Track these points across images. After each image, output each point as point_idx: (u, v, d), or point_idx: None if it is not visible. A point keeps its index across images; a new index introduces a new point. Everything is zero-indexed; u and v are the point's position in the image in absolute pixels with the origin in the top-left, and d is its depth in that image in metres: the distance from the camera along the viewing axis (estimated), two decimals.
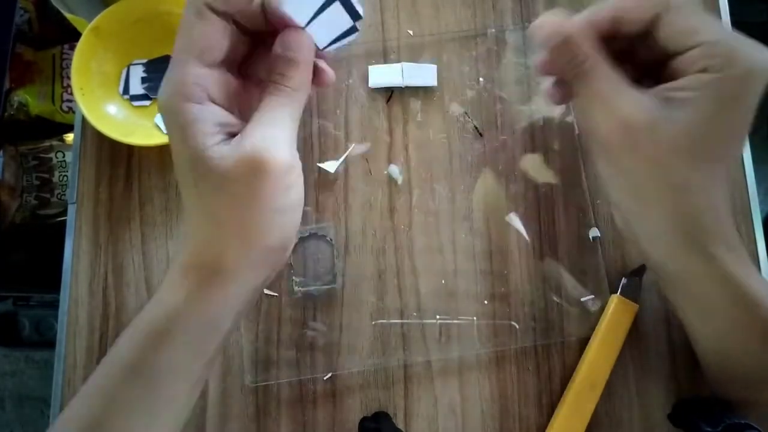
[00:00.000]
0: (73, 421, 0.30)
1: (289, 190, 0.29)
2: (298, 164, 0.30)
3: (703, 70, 0.30)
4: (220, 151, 0.28)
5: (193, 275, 0.30)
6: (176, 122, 0.28)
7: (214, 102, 0.29)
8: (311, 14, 0.29)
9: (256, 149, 0.27)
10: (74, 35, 0.47)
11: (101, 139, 0.46)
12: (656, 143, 0.31)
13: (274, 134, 0.28)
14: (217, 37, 0.28)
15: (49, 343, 0.97)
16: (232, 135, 0.29)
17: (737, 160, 0.47)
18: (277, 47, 0.29)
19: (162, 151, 0.47)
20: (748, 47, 0.30)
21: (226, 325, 0.31)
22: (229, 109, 0.30)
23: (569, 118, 0.48)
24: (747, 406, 0.38)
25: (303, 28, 0.29)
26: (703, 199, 0.32)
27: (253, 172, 0.27)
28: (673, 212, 0.33)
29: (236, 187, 0.28)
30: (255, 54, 0.32)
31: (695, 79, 0.30)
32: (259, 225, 0.29)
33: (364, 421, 0.42)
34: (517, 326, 0.45)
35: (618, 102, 0.31)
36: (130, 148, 0.47)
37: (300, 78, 0.29)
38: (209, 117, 0.28)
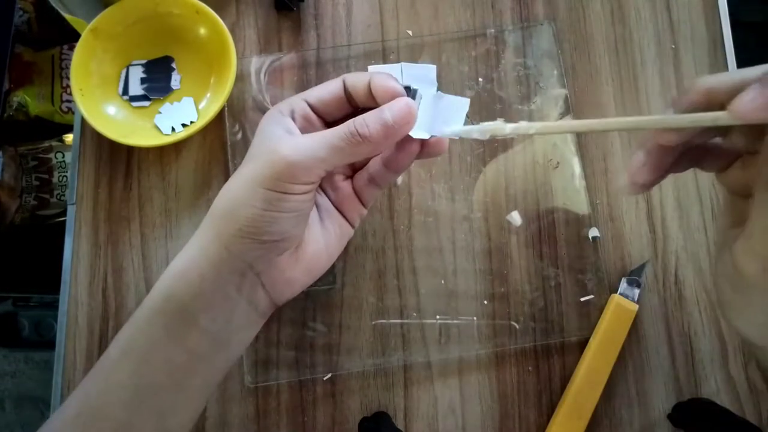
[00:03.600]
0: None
1: (290, 196, 0.31)
2: (309, 181, 0.31)
3: None
4: (270, 140, 0.33)
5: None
6: (264, 122, 0.34)
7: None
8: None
9: (282, 146, 0.31)
10: (73, 36, 0.47)
11: (101, 139, 0.46)
12: None
13: (308, 146, 0.31)
14: (331, 99, 0.34)
15: (49, 344, 0.97)
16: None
17: None
18: (382, 107, 0.32)
19: (161, 151, 0.47)
20: None
21: (198, 312, 0.32)
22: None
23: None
24: None
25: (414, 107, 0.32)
26: None
27: (267, 162, 0.31)
28: None
29: (248, 168, 0.32)
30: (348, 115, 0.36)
31: None
32: (243, 205, 0.31)
33: (363, 422, 0.42)
34: (517, 326, 0.45)
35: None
36: (129, 149, 0.47)
37: (375, 134, 0.31)
38: (283, 122, 0.34)
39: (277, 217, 0.31)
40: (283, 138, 0.32)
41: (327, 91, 0.34)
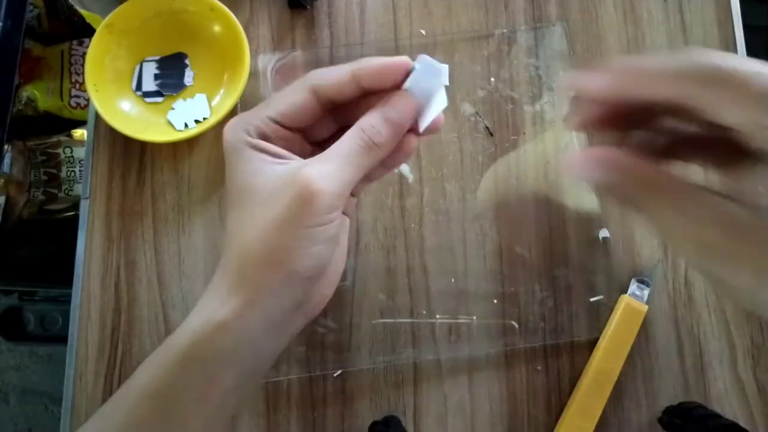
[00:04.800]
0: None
1: (327, 226, 0.29)
2: (341, 207, 0.30)
3: None
4: (273, 171, 0.29)
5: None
6: (233, 147, 0.30)
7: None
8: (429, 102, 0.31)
9: (310, 179, 0.28)
10: (82, 32, 0.47)
11: (114, 135, 0.46)
12: None
13: (333, 172, 0.29)
14: (299, 114, 0.31)
15: (54, 338, 0.97)
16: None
17: None
18: (385, 108, 0.30)
19: (174, 147, 0.47)
20: None
21: (241, 359, 0.30)
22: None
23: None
24: None
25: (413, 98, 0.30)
26: None
27: (299, 200, 0.28)
28: None
29: (277, 209, 0.29)
30: (324, 121, 0.33)
31: None
32: (287, 249, 0.29)
33: (374, 426, 0.42)
34: (527, 326, 0.45)
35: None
36: (142, 145, 0.47)
37: (388, 138, 0.30)
38: (264, 146, 0.30)
39: (320, 250, 0.30)
40: (300, 169, 0.29)
41: (291, 104, 0.31)
